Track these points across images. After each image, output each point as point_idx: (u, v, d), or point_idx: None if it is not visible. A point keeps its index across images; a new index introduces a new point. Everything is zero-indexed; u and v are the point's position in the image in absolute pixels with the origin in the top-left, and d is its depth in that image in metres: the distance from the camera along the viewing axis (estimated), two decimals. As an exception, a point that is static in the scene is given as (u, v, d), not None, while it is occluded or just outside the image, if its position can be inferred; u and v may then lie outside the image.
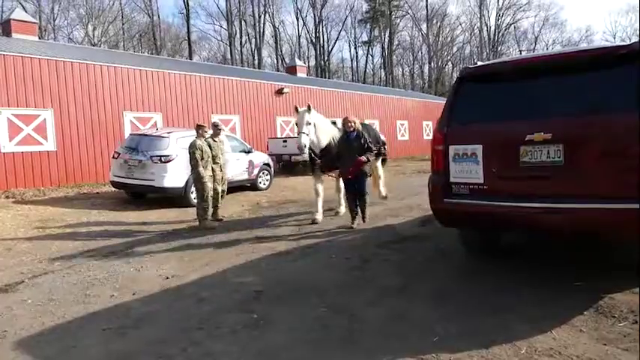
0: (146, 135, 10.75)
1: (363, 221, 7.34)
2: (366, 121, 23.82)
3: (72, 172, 13.78)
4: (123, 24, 44.80)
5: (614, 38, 52.19)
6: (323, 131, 7.75)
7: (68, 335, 3.56)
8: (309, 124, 7.41)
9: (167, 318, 3.84)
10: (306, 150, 7.39)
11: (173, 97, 16.46)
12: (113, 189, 11.52)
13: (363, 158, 7.02)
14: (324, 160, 7.66)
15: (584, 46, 41.71)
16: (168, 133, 10.53)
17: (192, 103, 16.88)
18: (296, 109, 7.61)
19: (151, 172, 9.77)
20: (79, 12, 42.44)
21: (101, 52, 20.68)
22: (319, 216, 7.78)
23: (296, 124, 7.65)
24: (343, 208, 8.28)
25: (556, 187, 3.85)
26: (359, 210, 7.30)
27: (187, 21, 45.92)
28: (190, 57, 44.13)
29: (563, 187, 3.81)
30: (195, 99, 16.96)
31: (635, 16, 62.19)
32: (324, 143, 7.69)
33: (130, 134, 11.98)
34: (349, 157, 7.05)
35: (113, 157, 10.80)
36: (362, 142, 7.12)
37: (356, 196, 7.25)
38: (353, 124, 7.19)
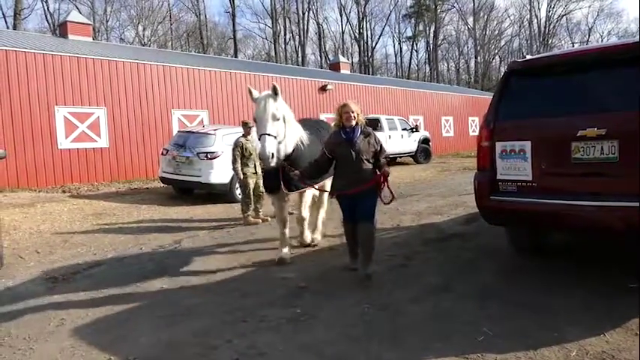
0: (193, 132, 11.01)
1: (366, 264, 4.54)
2: (411, 118, 23.84)
3: (123, 168, 14.35)
4: (171, 24, 46.13)
5: (677, 27, 49.03)
6: (292, 130, 5.13)
7: (120, 324, 3.73)
8: (277, 119, 4.76)
9: (213, 310, 3.94)
10: (274, 162, 4.70)
11: (219, 95, 16.81)
12: (162, 185, 11.88)
13: (387, 170, 4.58)
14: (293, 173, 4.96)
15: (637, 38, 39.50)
16: (215, 130, 10.76)
17: (237, 100, 17.19)
18: (250, 92, 4.91)
19: (198, 168, 10.01)
20: (130, 13, 44.08)
21: (150, 52, 21.38)
22: (287, 251, 5.37)
23: (254, 119, 4.87)
24: (319, 236, 6.22)
25: (610, 184, 3.68)
26: (361, 247, 4.63)
27: (233, 20, 46.80)
28: (236, 55, 44.91)
29: (618, 185, 3.64)
30: (241, 96, 17.25)
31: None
32: (290, 148, 5.05)
33: (178, 131, 12.30)
34: (353, 167, 4.46)
35: (162, 154, 11.12)
36: (373, 141, 4.57)
37: (355, 225, 4.59)
38: (355, 114, 4.51)
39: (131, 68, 14.74)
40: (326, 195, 5.90)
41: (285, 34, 50.03)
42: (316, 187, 5.43)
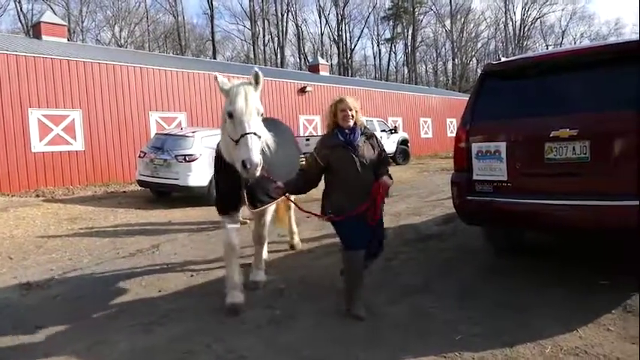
0: (171, 134, 10.90)
1: (357, 302, 3.67)
2: (390, 119, 24.04)
3: (99, 172, 14.12)
4: (148, 25, 45.54)
5: (646, 31, 50.51)
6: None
7: (96, 331, 3.66)
8: (260, 114, 3.68)
9: (192, 314, 3.90)
10: (259, 170, 3.44)
11: (197, 97, 16.68)
12: (139, 188, 11.73)
13: (388, 180, 3.68)
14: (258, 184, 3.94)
15: (612, 39, 40.62)
16: (193, 132, 10.67)
17: (216, 102, 17.07)
18: (217, 79, 3.75)
19: (176, 171, 9.92)
20: (106, 14, 43.40)
21: (127, 53, 21.09)
22: (238, 294, 3.98)
23: (228, 113, 3.58)
24: (297, 239, 5.95)
25: (582, 184, 3.77)
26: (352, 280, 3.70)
27: (211, 21, 46.42)
28: (214, 57, 44.58)
29: (590, 185, 3.73)
30: (220, 98, 17.12)
31: (668, 8, 60.03)
32: None
33: (156, 134, 12.16)
34: (356, 178, 3.59)
35: (139, 157, 10.98)
36: (376, 144, 3.80)
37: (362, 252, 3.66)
38: (353, 112, 3.67)
39: (107, 70, 14.52)
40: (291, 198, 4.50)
41: (264, 36, 49.91)
42: (292, 198, 4.38)
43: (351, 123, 3.66)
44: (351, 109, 3.66)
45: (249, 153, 3.35)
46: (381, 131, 19.36)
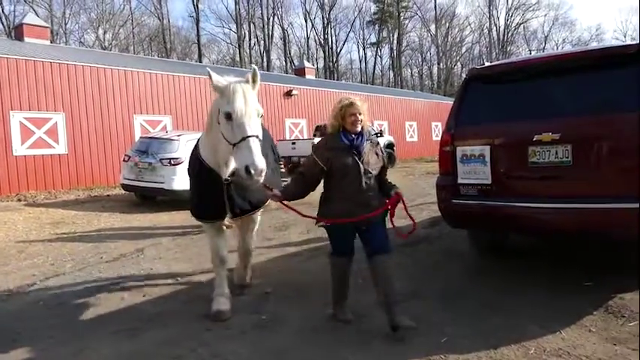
0: (156, 138, 10.84)
1: (395, 311, 3.35)
2: (375, 123, 24.12)
3: (83, 175, 13.94)
4: (133, 27, 45.20)
5: (625, 37, 51.67)
6: None
7: (79, 337, 3.60)
8: (260, 116, 3.39)
9: (177, 319, 3.87)
10: (263, 176, 3.17)
11: (183, 100, 16.59)
12: (123, 192, 11.61)
13: (399, 191, 3.56)
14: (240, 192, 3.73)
15: (594, 45, 41.38)
16: (178, 135, 10.61)
17: (202, 105, 16.99)
18: (210, 76, 3.36)
19: (161, 174, 9.85)
20: (90, 16, 42.97)
21: (112, 56, 20.90)
22: (226, 302, 3.93)
23: (226, 114, 3.23)
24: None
25: (565, 187, 3.83)
26: (383, 289, 3.43)
27: (197, 24, 46.25)
28: (200, 60, 44.39)
29: (572, 188, 3.79)
30: (206, 101, 17.06)
31: (646, 15, 61.48)
32: (230, 163, 3.58)
33: (140, 137, 12.07)
34: (359, 184, 3.38)
35: (123, 160, 10.89)
36: (380, 151, 3.58)
37: (351, 259, 3.62)
38: (362, 117, 3.42)
39: (91, 72, 14.37)
40: (258, 217, 4.24)
41: (249, 39, 49.87)
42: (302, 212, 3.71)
43: (359, 129, 3.43)
44: (360, 114, 3.42)
45: (252, 157, 3.03)
46: None
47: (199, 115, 16.78)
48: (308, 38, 53.73)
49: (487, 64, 4.81)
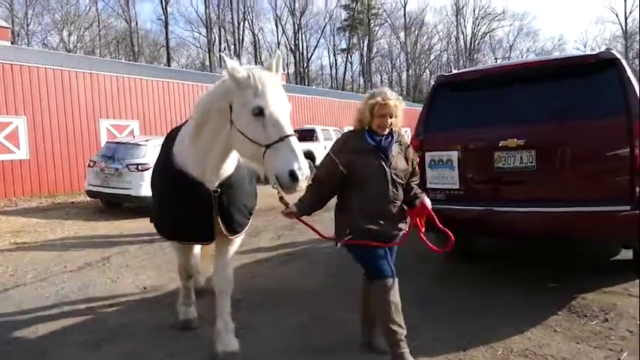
0: (122, 143, 10.62)
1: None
2: (346, 128, 24.27)
3: (45, 182, 13.50)
4: (99, 30, 44.20)
5: (585, 47, 53.60)
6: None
7: (42, 351, 3.47)
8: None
9: (144, 329, 3.78)
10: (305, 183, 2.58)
11: (151, 105, 16.31)
12: (88, 198, 11.31)
13: (427, 202, 3.02)
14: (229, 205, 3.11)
15: (556, 54, 42.84)
16: (146, 140, 10.42)
17: (170, 110, 16.74)
18: (224, 60, 2.73)
19: (128, 180, 9.63)
20: (53, 17, 41.79)
21: (77, 59, 20.38)
22: (192, 310, 3.83)
23: (258, 109, 2.57)
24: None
25: (529, 191, 3.94)
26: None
27: (166, 27, 45.70)
28: (169, 64, 43.79)
29: (536, 192, 3.90)
30: (174, 106, 16.82)
31: (603, 27, 64.16)
32: (229, 169, 3.10)
33: (107, 142, 11.79)
34: (386, 194, 2.91)
35: (89, 166, 10.60)
36: (410, 156, 3.08)
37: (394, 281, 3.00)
38: (392, 120, 2.97)
39: (55, 75, 13.96)
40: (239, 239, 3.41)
41: (220, 44, 49.47)
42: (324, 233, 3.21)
43: (387, 132, 2.96)
44: (392, 116, 2.93)
45: (297, 160, 2.43)
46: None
47: (168, 119, 16.52)
48: (279, 43, 53.70)
49: (455, 71, 4.91)
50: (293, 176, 2.41)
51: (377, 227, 2.87)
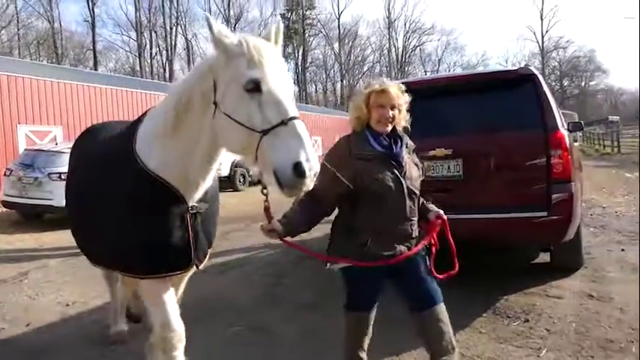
0: (43, 150, 10.05)
1: None
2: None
3: (-46, 192, 12.38)
4: (18, 29, 41.40)
5: (507, 63, 57.29)
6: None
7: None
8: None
9: (68, 348, 3.56)
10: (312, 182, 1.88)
11: (75, 110, 15.47)
12: (3, 210, 10.54)
13: (443, 215, 2.61)
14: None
15: (480, 69, 45.43)
16: (69, 148, 9.86)
17: (97, 115, 15.95)
18: (210, 26, 2.06)
19: (49, 190, 9.10)
20: (-35, 15, 38.67)
21: (-9, 60, 18.95)
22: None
23: (253, 82, 1.92)
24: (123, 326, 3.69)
25: (457, 199, 4.12)
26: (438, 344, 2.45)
27: (93, 30, 43.58)
28: (95, 67, 41.80)
29: (464, 200, 4.09)
30: (101, 112, 16.05)
31: (523, 44, 68.90)
32: (208, 180, 2.39)
33: (25, 149, 11.08)
34: (400, 208, 2.39)
35: (5, 175, 9.94)
36: (418, 160, 2.64)
37: (370, 314, 2.69)
38: (395, 112, 2.43)
39: (-35, 77, 12.90)
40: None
41: (151, 48, 47.91)
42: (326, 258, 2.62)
43: (389, 129, 2.42)
44: (394, 108, 2.39)
45: (304, 149, 1.83)
46: None
47: (94, 126, 15.75)
48: (213, 50, 52.85)
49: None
50: (298, 170, 1.80)
51: (392, 253, 2.36)
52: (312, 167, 1.82)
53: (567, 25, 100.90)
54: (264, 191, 2.08)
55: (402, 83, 2.57)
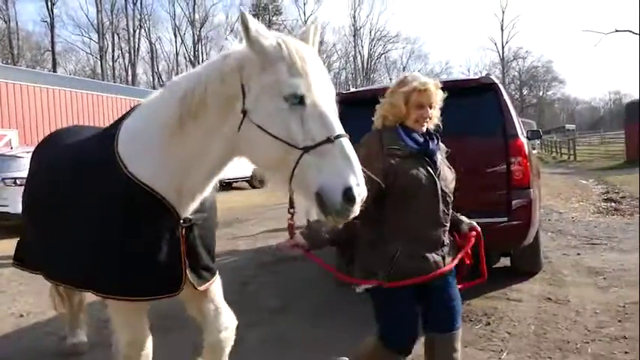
0: (-2, 154, 9.62)
1: None
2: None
3: None
4: (-29, 28, 39.74)
5: (469, 71, 58.84)
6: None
7: None
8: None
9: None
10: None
11: (32, 113, 14.95)
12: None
13: (477, 227, 2.44)
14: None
15: (444, 77, 46.41)
16: (25, 152, 9.51)
17: (55, 118, 15.45)
18: (242, 20, 1.83)
19: (4, 196, 8.82)
20: None
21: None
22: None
23: (294, 96, 1.74)
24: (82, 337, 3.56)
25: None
26: None
27: (52, 30, 42.26)
28: (54, 69, 40.51)
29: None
30: (60, 115, 15.55)
31: (484, 53, 71.05)
32: (206, 190, 2.11)
33: (-22, 153, 10.60)
34: (434, 213, 2.21)
35: (-46, 180, 9.44)
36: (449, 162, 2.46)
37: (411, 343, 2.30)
38: (431, 112, 2.28)
39: None
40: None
41: (113, 51, 46.89)
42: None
43: (425, 129, 2.29)
44: (430, 107, 2.24)
45: (355, 173, 1.66)
46: None
47: (52, 129, 15.21)
48: (177, 54, 52.17)
49: (352, 89, 5.10)
50: (348, 196, 1.62)
51: (423, 264, 2.14)
52: (361, 193, 1.65)
53: (526, 36, 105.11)
54: (291, 210, 1.97)
55: (368, 90, 2.60)
